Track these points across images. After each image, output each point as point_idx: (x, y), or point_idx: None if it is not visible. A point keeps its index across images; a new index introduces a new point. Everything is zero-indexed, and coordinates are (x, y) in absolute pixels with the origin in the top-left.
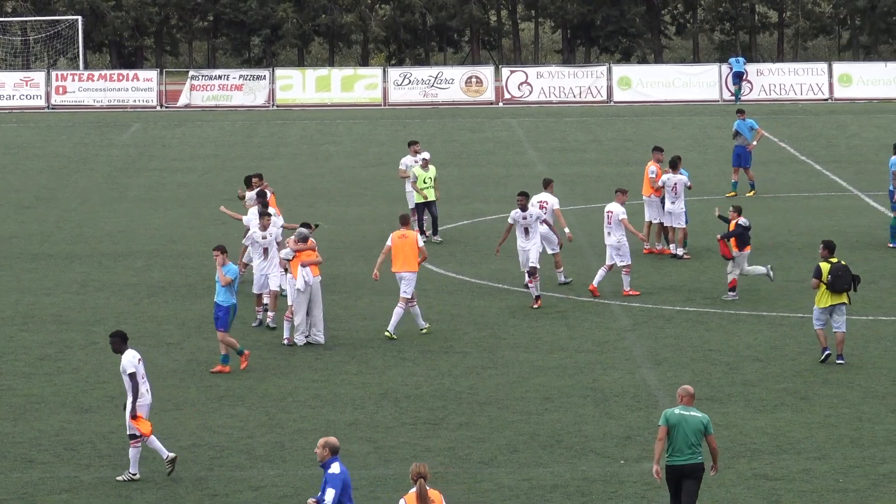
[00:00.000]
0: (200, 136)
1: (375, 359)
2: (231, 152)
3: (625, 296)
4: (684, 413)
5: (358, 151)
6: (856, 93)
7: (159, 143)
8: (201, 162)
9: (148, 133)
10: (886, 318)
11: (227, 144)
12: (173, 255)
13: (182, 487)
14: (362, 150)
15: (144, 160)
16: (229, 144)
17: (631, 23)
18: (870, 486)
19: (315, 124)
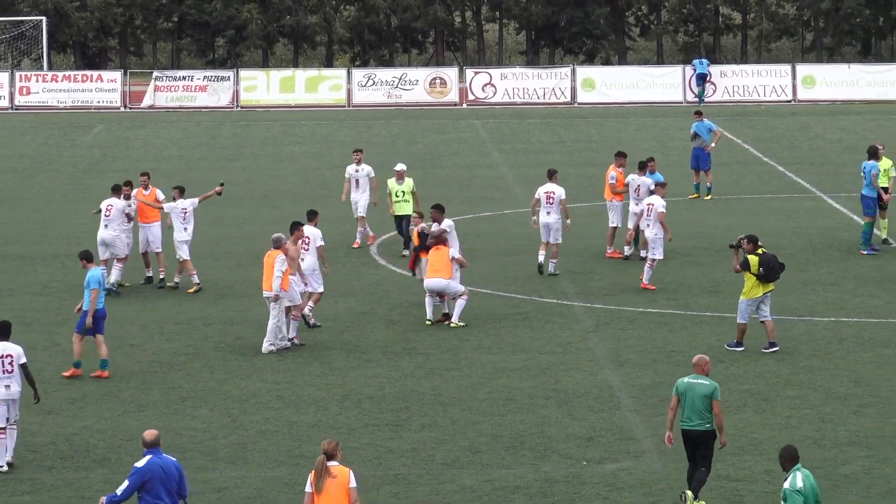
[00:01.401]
0: (164, 137)
1: (338, 360)
2: (195, 153)
3: (642, 288)
4: (693, 381)
5: (322, 152)
6: (819, 94)
7: (123, 144)
8: (165, 163)
9: (112, 134)
10: (848, 319)
11: (190, 145)
12: (136, 257)
13: None
14: (326, 151)
15: (108, 161)
16: (193, 145)
17: (595, 24)
18: (832, 487)
19: (279, 125)
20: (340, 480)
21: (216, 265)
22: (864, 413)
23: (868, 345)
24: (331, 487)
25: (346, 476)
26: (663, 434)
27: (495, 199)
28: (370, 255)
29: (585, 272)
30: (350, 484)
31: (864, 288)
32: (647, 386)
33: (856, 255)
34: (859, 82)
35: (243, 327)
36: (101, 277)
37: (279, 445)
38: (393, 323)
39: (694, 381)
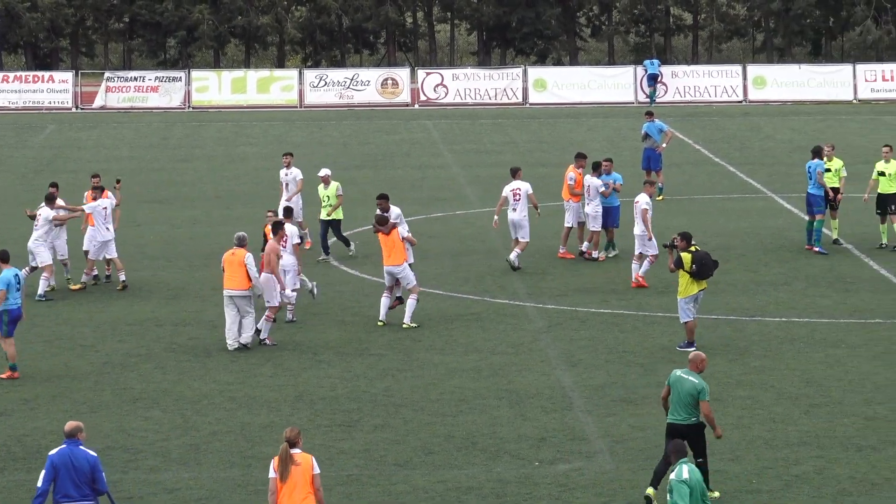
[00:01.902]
0: (116, 138)
1: (291, 361)
2: (147, 154)
3: (636, 279)
4: (683, 376)
5: (274, 153)
6: (770, 95)
7: (75, 144)
8: (117, 164)
9: (63, 135)
10: (799, 319)
11: (142, 146)
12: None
13: None
14: (278, 151)
15: (60, 162)
16: (145, 146)
17: (546, 25)
18: (783, 487)
19: (231, 126)
20: (304, 467)
21: (168, 266)
22: (816, 413)
23: (819, 345)
24: (295, 474)
25: (310, 462)
26: (616, 434)
27: (447, 199)
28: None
29: (537, 273)
30: (314, 470)
31: (815, 288)
32: (599, 386)
33: (807, 256)
34: (810, 83)
35: (196, 328)
36: (11, 279)
37: (232, 446)
38: (345, 324)
39: (684, 377)
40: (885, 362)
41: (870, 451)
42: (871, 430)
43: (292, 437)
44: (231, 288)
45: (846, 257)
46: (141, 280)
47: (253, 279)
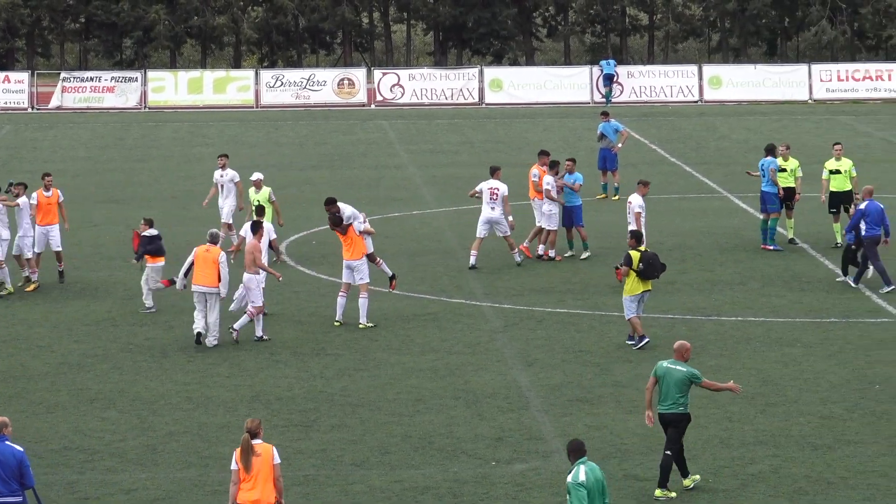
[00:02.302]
0: (72, 138)
1: (247, 361)
2: (103, 154)
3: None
4: (671, 367)
5: (230, 153)
6: (725, 95)
7: (30, 145)
8: (73, 164)
9: (19, 135)
10: (755, 318)
11: (98, 146)
12: (44, 258)
13: (53, 491)
14: (234, 152)
15: (16, 162)
16: (101, 146)
17: (502, 25)
18: (739, 486)
19: (187, 126)
20: (265, 458)
21: (125, 266)
22: (771, 412)
23: (775, 344)
24: (256, 465)
25: (270, 453)
26: (572, 433)
27: (403, 199)
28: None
29: (494, 272)
30: (274, 461)
31: (771, 287)
32: (555, 386)
33: (762, 255)
34: (765, 83)
35: (152, 328)
36: None
37: (188, 447)
38: (302, 324)
39: (672, 367)
40: (840, 361)
41: (825, 450)
42: (826, 429)
43: (253, 428)
44: (202, 284)
45: (801, 257)
46: (97, 280)
47: (223, 280)
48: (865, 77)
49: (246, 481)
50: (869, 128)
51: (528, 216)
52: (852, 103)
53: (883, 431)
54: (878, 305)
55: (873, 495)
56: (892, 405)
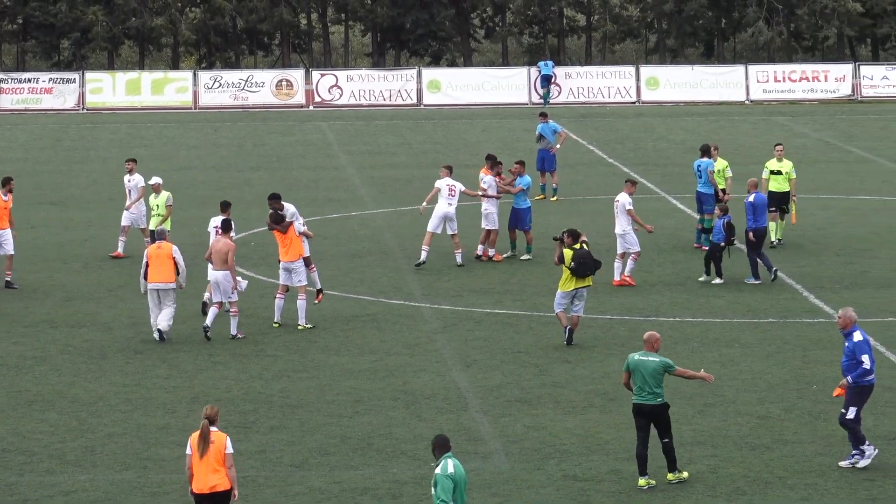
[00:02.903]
0: (9, 140)
1: (186, 362)
2: (41, 156)
3: (622, 279)
4: (642, 358)
5: (168, 155)
6: (663, 96)
7: None
8: (10, 165)
9: None
10: (693, 319)
11: (36, 148)
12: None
13: None
14: (172, 153)
15: None
16: (39, 148)
17: (440, 26)
18: (678, 486)
19: (125, 127)
20: (218, 446)
21: (63, 268)
22: (709, 412)
23: (713, 345)
24: (209, 452)
25: (223, 441)
26: (511, 434)
27: (342, 200)
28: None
29: (433, 273)
30: (227, 450)
31: (709, 288)
32: (494, 387)
33: (700, 256)
34: (702, 84)
35: (91, 330)
36: None
37: (127, 448)
38: (241, 325)
39: (643, 358)
40: (778, 361)
41: (763, 450)
42: (764, 429)
43: (212, 416)
44: (158, 281)
45: (739, 258)
46: (36, 282)
47: (182, 272)
48: (802, 78)
49: (198, 467)
50: (805, 129)
51: (475, 217)
52: (789, 104)
53: (820, 431)
54: (815, 306)
55: (811, 495)
56: (830, 405)
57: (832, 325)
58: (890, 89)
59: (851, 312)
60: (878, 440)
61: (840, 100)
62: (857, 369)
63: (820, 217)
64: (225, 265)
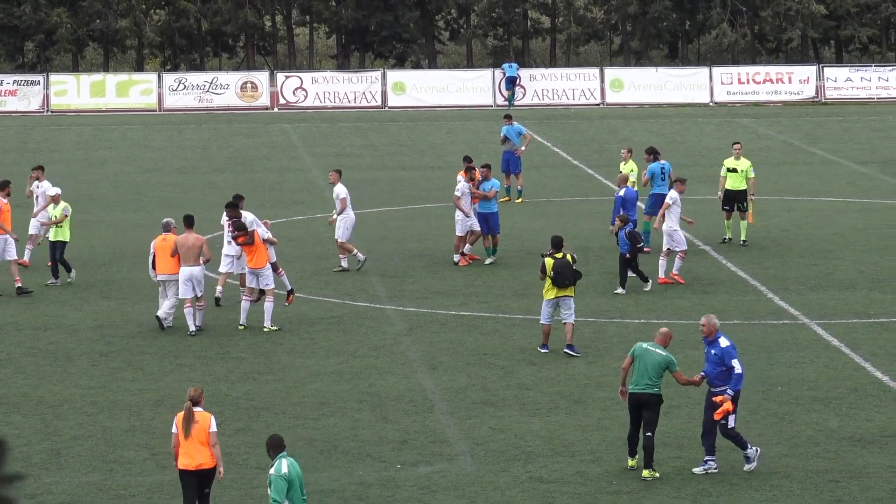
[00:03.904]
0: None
1: (152, 365)
2: (5, 158)
3: (671, 277)
4: (650, 348)
5: (133, 157)
6: (627, 98)
7: None
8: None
9: None
10: (658, 320)
11: (1, 150)
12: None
13: None
14: (137, 155)
15: None
16: (3, 150)
17: (405, 28)
18: (643, 488)
19: (90, 130)
20: (202, 425)
21: (27, 270)
22: (674, 414)
23: (678, 346)
24: (194, 431)
25: (208, 421)
26: (477, 436)
27: (307, 202)
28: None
29: (398, 275)
30: (210, 428)
31: (673, 289)
32: (460, 388)
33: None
34: (667, 85)
35: (56, 332)
36: None
37: (93, 450)
38: (206, 328)
39: (651, 349)
40: (743, 363)
41: (728, 451)
42: None
43: (195, 397)
44: (167, 272)
45: (704, 259)
46: (0, 285)
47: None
48: (766, 80)
49: (184, 446)
50: (770, 130)
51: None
52: (753, 106)
53: (785, 433)
54: (780, 307)
55: (776, 496)
56: (794, 406)
57: (797, 326)
58: (854, 91)
59: (714, 319)
60: (843, 442)
61: (804, 102)
62: (732, 377)
63: (784, 219)
64: (198, 261)
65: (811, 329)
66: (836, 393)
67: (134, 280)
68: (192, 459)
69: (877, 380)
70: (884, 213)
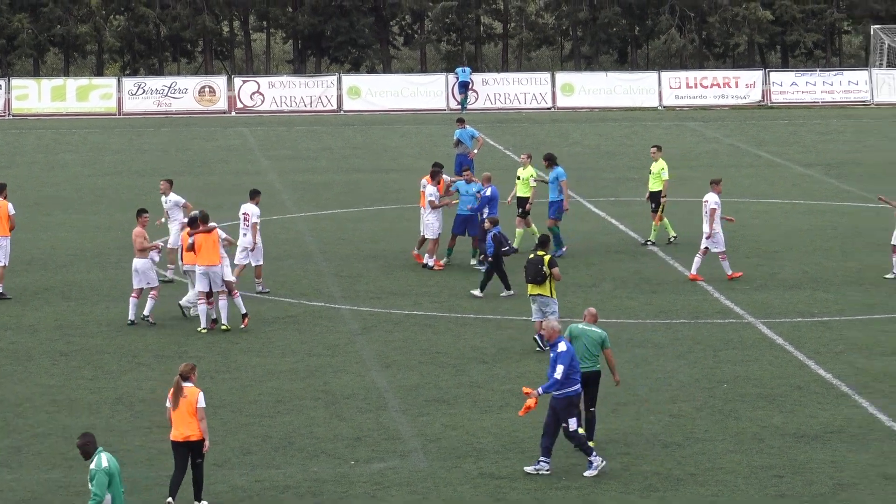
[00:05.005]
0: None
1: (111, 364)
2: None
3: (729, 279)
4: (586, 328)
5: (93, 160)
6: (577, 102)
7: None
8: None
9: None
10: (607, 320)
11: None
12: None
13: None
14: (97, 158)
15: None
16: None
17: (360, 33)
18: (591, 483)
19: (51, 133)
20: (190, 400)
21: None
22: (623, 411)
23: (626, 345)
24: (182, 405)
25: (196, 396)
26: (429, 433)
27: (263, 205)
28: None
29: (352, 276)
30: (198, 403)
31: (622, 289)
32: (413, 387)
33: (614, 258)
34: (616, 90)
35: (16, 332)
36: None
37: (53, 448)
38: (164, 327)
39: (587, 328)
40: (689, 361)
41: (675, 448)
42: (676, 427)
43: (185, 372)
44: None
45: (652, 259)
46: None
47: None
48: (713, 84)
49: (174, 418)
50: (717, 133)
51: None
52: (701, 109)
53: (730, 429)
54: (725, 307)
55: (721, 491)
56: (740, 403)
57: (743, 325)
58: (799, 95)
59: (555, 324)
60: (786, 438)
61: (750, 105)
62: (549, 378)
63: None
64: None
65: (756, 328)
66: (780, 390)
67: (94, 281)
68: (180, 431)
69: (820, 377)
70: (827, 215)
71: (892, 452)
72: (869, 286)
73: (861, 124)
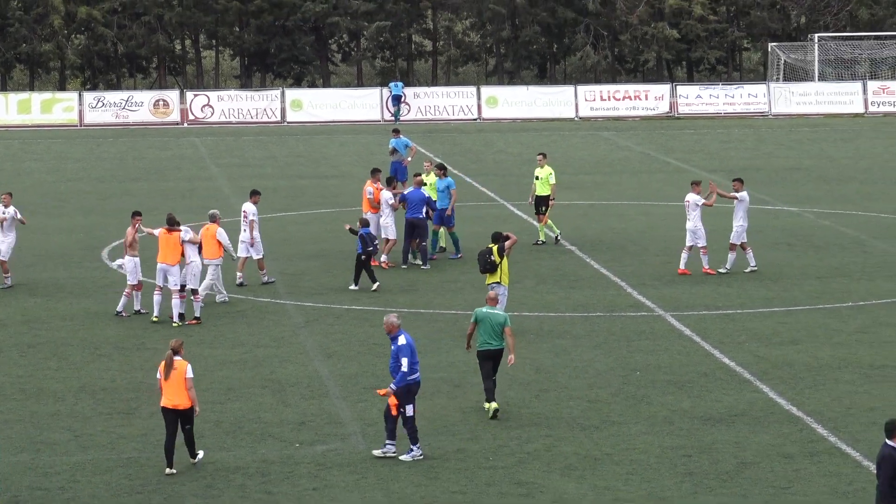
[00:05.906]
0: None
1: (74, 355)
2: None
3: (704, 273)
4: (489, 311)
5: (56, 168)
6: (501, 113)
7: None
8: None
9: None
10: (530, 313)
11: None
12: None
13: None
14: (60, 166)
15: None
16: None
17: (302, 51)
18: (517, 463)
19: (17, 143)
20: (179, 371)
21: None
22: (545, 397)
23: (547, 336)
24: (173, 376)
25: (184, 368)
26: (367, 418)
27: (214, 209)
28: (101, 261)
29: (297, 274)
30: (187, 374)
31: (544, 285)
32: (352, 375)
33: (536, 256)
34: (537, 102)
35: None
36: None
37: (21, 433)
38: (123, 321)
39: (490, 312)
40: (605, 351)
41: (593, 430)
42: (593, 412)
43: (176, 347)
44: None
45: (571, 258)
46: None
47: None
48: (625, 97)
49: (164, 388)
50: (629, 142)
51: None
52: (614, 120)
53: (643, 413)
54: (638, 301)
55: (635, 469)
56: (651, 389)
57: (653, 317)
58: (703, 107)
59: (394, 318)
60: (694, 420)
61: (659, 116)
62: (399, 373)
63: (641, 222)
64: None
65: (666, 320)
66: (688, 377)
67: (58, 279)
68: (169, 399)
69: (724, 365)
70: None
71: (790, 433)
72: (768, 281)
73: (760, 133)
